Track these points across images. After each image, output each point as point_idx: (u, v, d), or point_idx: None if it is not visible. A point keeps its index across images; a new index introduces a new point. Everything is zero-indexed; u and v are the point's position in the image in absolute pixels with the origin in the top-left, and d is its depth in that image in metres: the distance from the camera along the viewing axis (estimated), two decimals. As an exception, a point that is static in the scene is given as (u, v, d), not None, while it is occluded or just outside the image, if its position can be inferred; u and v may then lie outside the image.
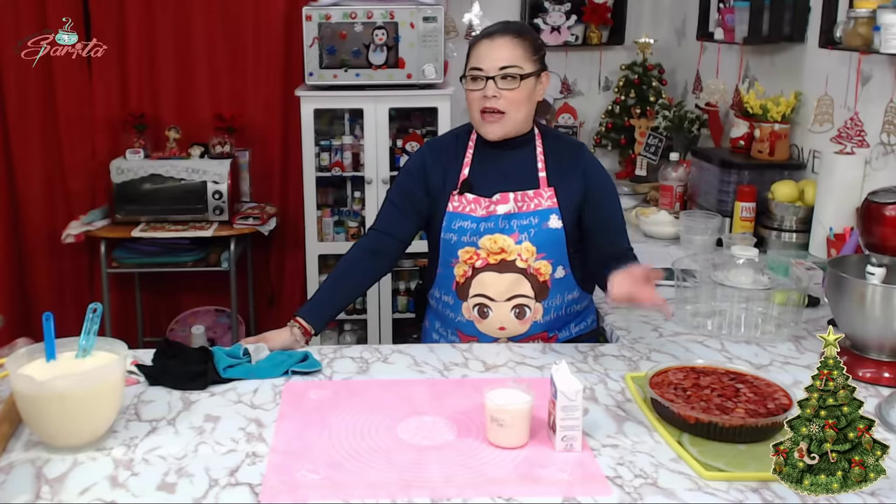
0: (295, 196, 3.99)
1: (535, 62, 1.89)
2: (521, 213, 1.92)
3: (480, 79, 1.87)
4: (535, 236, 1.91)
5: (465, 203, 1.94)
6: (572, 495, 1.33)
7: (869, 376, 1.75)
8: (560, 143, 2.00)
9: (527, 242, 1.91)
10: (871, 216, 1.85)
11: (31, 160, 3.89)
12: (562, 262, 1.94)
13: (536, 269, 1.92)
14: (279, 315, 4.23)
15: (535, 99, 1.92)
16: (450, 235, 1.95)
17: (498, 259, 1.92)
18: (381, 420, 1.57)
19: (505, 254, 1.91)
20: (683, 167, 3.25)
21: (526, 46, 1.88)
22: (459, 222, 1.94)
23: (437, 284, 2.04)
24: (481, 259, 1.93)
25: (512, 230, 1.91)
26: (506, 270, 1.92)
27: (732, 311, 2.04)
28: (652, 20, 4.15)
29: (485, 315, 1.96)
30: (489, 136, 1.91)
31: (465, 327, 2.00)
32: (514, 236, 1.91)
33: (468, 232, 1.93)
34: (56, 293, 4.00)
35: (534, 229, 1.91)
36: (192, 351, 1.83)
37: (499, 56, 1.86)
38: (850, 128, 2.62)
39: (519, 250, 1.91)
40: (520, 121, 1.91)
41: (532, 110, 1.93)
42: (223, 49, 3.92)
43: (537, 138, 1.98)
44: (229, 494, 1.33)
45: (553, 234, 1.92)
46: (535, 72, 1.89)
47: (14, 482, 1.36)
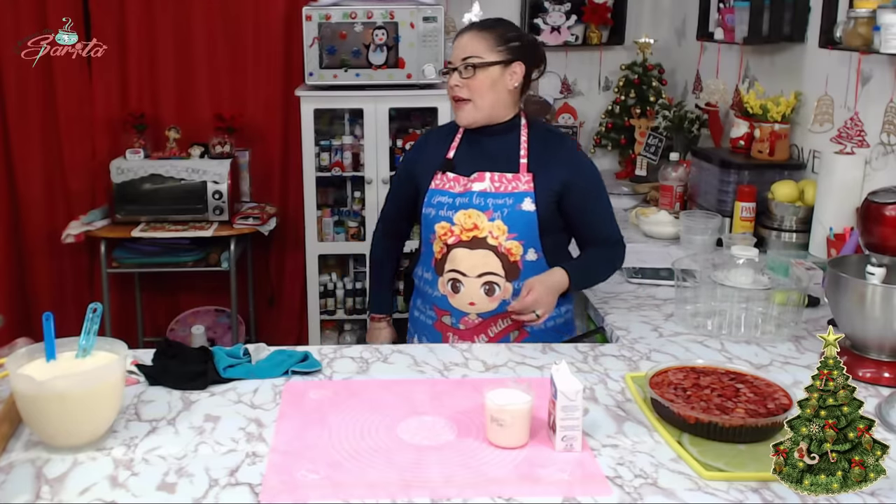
0: (295, 196, 4.00)
1: (499, 53, 2.01)
2: (497, 192, 2.02)
3: (450, 71, 2.05)
4: (508, 216, 2.01)
5: (446, 181, 2.08)
6: (572, 495, 1.33)
7: (869, 376, 1.75)
8: (546, 135, 2.10)
9: (499, 221, 2.00)
10: (871, 216, 1.85)
11: (31, 160, 3.89)
12: (533, 244, 2.03)
13: (508, 248, 2.01)
14: (279, 315, 4.24)
15: (502, 87, 2.03)
16: (429, 210, 2.08)
17: (470, 236, 2.02)
18: (381, 420, 1.57)
19: (477, 230, 2.02)
20: (683, 167, 3.25)
21: (489, 38, 2.01)
22: (438, 197, 2.07)
23: (420, 262, 2.18)
24: (455, 236, 2.04)
25: (486, 207, 2.01)
26: (477, 247, 2.02)
27: (732, 311, 2.04)
28: (652, 20, 4.15)
29: (457, 290, 2.05)
30: (459, 122, 2.07)
31: (440, 302, 2.09)
32: (488, 213, 2.01)
33: (445, 206, 2.05)
34: (56, 293, 4.00)
35: (507, 209, 2.01)
36: (192, 351, 1.83)
37: (462, 49, 2.03)
38: (850, 128, 2.62)
39: (491, 227, 2.01)
40: (487, 107, 2.03)
41: (502, 98, 2.04)
42: (223, 49, 3.92)
43: (523, 128, 2.09)
44: (229, 494, 1.33)
45: (525, 216, 2.00)
46: (498, 61, 2.00)
47: (14, 482, 1.36)
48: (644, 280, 2.46)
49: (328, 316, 3.96)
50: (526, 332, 2.09)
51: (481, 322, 2.06)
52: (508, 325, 2.06)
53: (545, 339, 2.08)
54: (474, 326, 2.07)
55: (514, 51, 2.03)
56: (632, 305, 2.26)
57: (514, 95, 2.06)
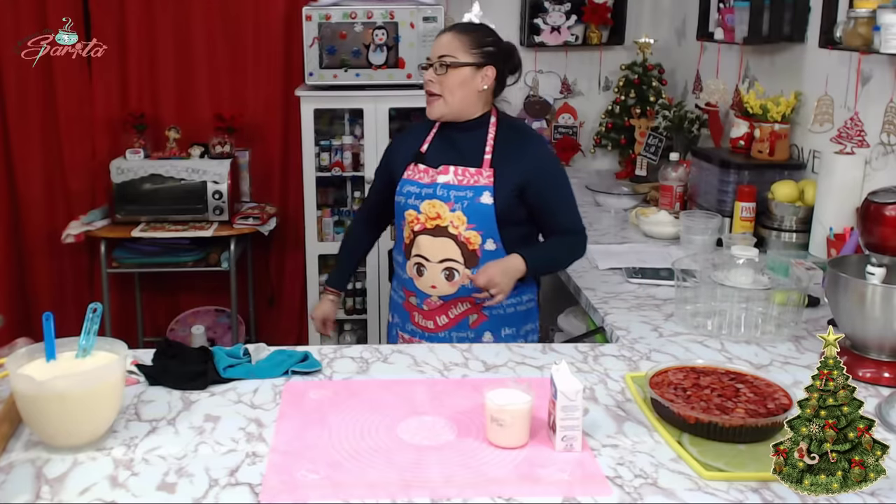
0: (295, 196, 4.00)
1: (473, 55, 2.12)
2: (458, 185, 2.15)
3: (427, 66, 2.16)
4: (467, 208, 2.13)
5: (417, 171, 2.21)
6: (572, 495, 1.33)
7: (869, 376, 1.75)
8: (513, 132, 2.20)
9: (459, 212, 2.13)
10: (871, 216, 1.85)
11: (31, 160, 3.90)
12: (492, 235, 2.14)
13: (467, 237, 2.14)
14: (279, 315, 4.24)
15: (473, 87, 2.14)
16: (400, 198, 2.22)
17: (433, 224, 2.15)
18: (381, 420, 1.57)
19: (439, 220, 2.15)
20: (683, 167, 3.25)
21: (465, 41, 2.13)
22: (408, 187, 2.20)
23: (396, 246, 2.32)
24: (420, 223, 2.17)
25: (448, 199, 2.14)
26: (439, 235, 2.15)
27: (732, 311, 2.04)
28: (652, 20, 4.15)
29: (421, 273, 2.19)
30: (429, 115, 2.20)
31: (408, 284, 2.24)
32: (450, 205, 2.14)
33: (413, 195, 2.18)
34: (56, 293, 4.01)
35: (467, 201, 2.13)
36: (192, 351, 1.83)
37: (440, 47, 2.14)
38: (850, 128, 2.62)
39: (451, 218, 2.14)
40: (455, 104, 2.15)
41: (472, 97, 2.15)
42: (223, 49, 3.92)
43: (492, 125, 2.19)
44: (229, 494, 1.33)
45: (483, 209, 2.12)
46: (471, 63, 2.12)
47: (14, 482, 1.36)
48: (644, 280, 2.46)
49: (328, 316, 3.96)
50: (485, 316, 2.19)
51: (442, 304, 2.19)
52: (468, 309, 2.19)
53: (505, 323, 2.21)
54: (436, 308, 2.20)
55: (488, 55, 2.14)
56: (632, 305, 2.26)
57: (484, 96, 2.17)
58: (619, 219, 3.29)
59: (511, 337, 2.23)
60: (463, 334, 2.20)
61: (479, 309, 2.18)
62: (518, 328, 2.24)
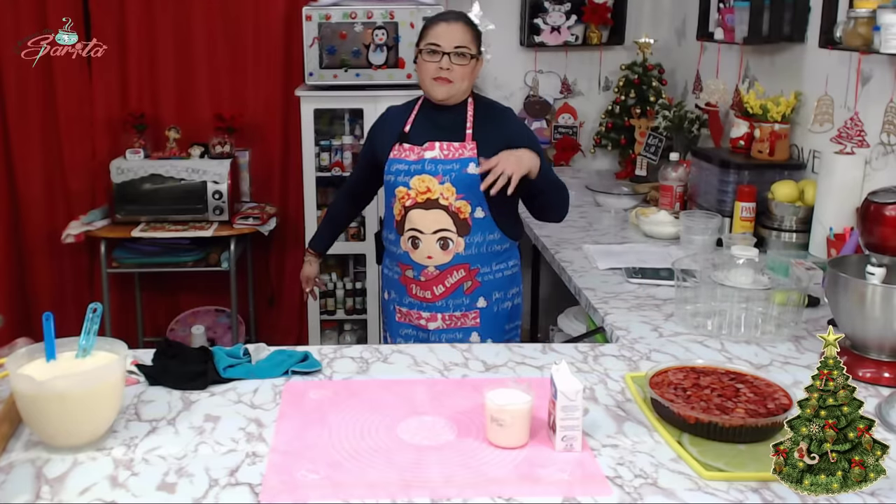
0: (295, 196, 4.00)
1: (476, 47, 2.30)
2: (445, 159, 2.27)
3: (438, 53, 2.25)
4: (455, 179, 2.26)
5: (402, 151, 2.32)
6: (572, 495, 1.33)
7: (869, 376, 1.75)
8: (489, 108, 2.37)
9: (448, 184, 2.26)
10: (871, 216, 1.85)
11: (31, 160, 3.90)
12: (480, 203, 2.28)
13: (458, 207, 2.27)
14: (279, 315, 4.24)
15: (474, 75, 2.32)
16: (389, 177, 2.33)
17: (424, 198, 2.27)
18: (381, 420, 1.57)
19: (430, 193, 2.27)
20: (683, 167, 3.25)
21: (473, 33, 2.29)
22: (396, 165, 2.32)
23: (385, 225, 2.43)
24: (411, 198, 2.29)
25: (437, 172, 2.26)
26: (431, 207, 2.27)
27: (732, 311, 2.04)
28: (652, 20, 4.15)
29: (416, 246, 2.31)
30: (438, 96, 2.29)
31: (403, 258, 2.35)
32: (439, 178, 2.26)
33: (402, 173, 2.30)
34: (56, 293, 4.01)
35: (454, 173, 2.26)
36: (192, 351, 1.83)
37: (454, 37, 2.26)
38: (850, 128, 2.62)
39: (441, 190, 2.26)
40: (463, 89, 2.30)
41: (472, 83, 2.33)
42: (223, 49, 3.92)
43: (469, 104, 2.34)
44: (229, 494, 1.33)
45: (470, 178, 2.25)
46: (477, 54, 2.30)
47: (14, 482, 1.36)
48: (644, 280, 2.46)
49: (328, 316, 3.96)
50: (478, 283, 2.32)
51: (439, 273, 2.31)
52: (462, 276, 2.31)
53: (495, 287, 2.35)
54: (433, 278, 2.31)
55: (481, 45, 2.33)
56: (632, 305, 2.26)
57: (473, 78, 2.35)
58: (619, 219, 3.29)
59: (500, 300, 2.37)
60: (459, 301, 2.33)
61: (473, 276, 2.32)
62: (506, 291, 2.39)
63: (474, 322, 2.35)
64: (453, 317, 2.34)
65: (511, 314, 2.42)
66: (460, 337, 2.35)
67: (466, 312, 2.34)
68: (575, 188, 3.73)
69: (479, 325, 2.35)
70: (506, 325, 2.42)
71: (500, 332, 2.39)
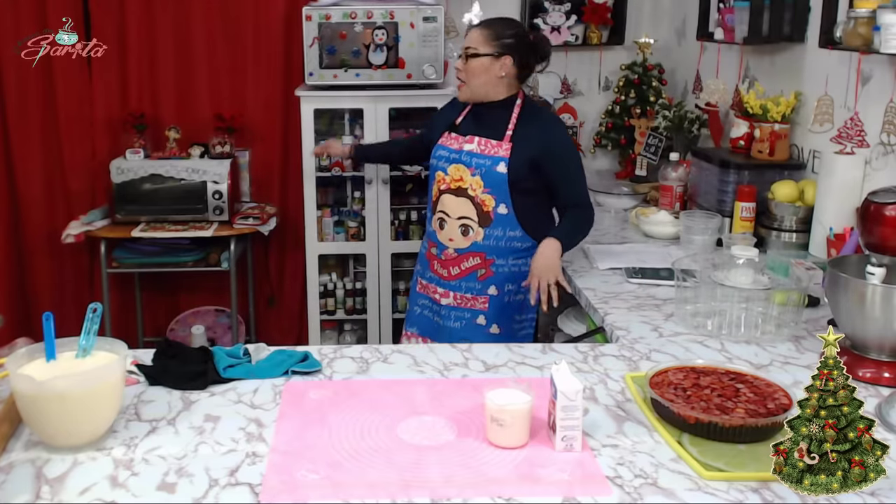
0: (295, 196, 3.99)
1: (492, 46, 2.44)
2: (480, 154, 2.46)
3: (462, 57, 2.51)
4: (485, 174, 2.44)
5: (449, 139, 2.56)
6: (572, 495, 1.33)
7: (869, 376, 1.75)
8: (534, 114, 2.51)
9: (478, 177, 2.45)
10: (871, 216, 1.85)
11: (31, 160, 3.89)
12: (504, 200, 2.44)
13: (482, 200, 2.45)
14: (279, 315, 4.24)
15: (493, 74, 2.45)
16: (433, 160, 2.58)
17: (456, 185, 2.49)
18: (381, 420, 1.57)
19: (462, 182, 2.48)
20: (683, 167, 3.25)
21: (485, 34, 2.46)
22: (440, 151, 2.56)
23: (427, 204, 2.66)
24: (446, 184, 2.51)
25: (471, 165, 2.47)
26: (460, 195, 2.48)
27: (732, 311, 2.04)
28: (652, 20, 4.15)
29: (442, 227, 2.53)
30: (459, 98, 2.57)
31: (432, 235, 2.59)
32: (471, 170, 2.46)
33: (443, 159, 2.53)
34: (56, 293, 4.00)
35: (485, 168, 2.44)
36: (192, 351, 1.83)
37: (466, 40, 2.50)
38: (850, 128, 2.62)
39: (472, 182, 2.46)
40: (476, 89, 2.48)
41: (492, 82, 2.46)
42: (223, 49, 3.92)
43: (517, 106, 2.49)
44: (229, 494, 1.33)
45: (498, 176, 2.43)
46: (490, 53, 2.43)
47: (14, 482, 1.36)
48: (644, 280, 2.46)
49: (328, 316, 3.96)
50: (492, 272, 2.49)
51: (457, 256, 2.51)
52: (478, 263, 2.49)
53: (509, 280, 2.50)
54: (452, 259, 2.52)
55: (506, 46, 2.44)
56: (632, 305, 2.26)
57: (506, 81, 2.47)
58: (619, 219, 3.29)
59: (512, 292, 2.51)
60: (471, 284, 2.52)
61: (488, 265, 2.49)
62: (519, 285, 2.49)
63: (483, 306, 2.51)
64: (464, 297, 2.53)
65: (523, 307, 2.54)
66: (468, 317, 2.53)
67: (477, 296, 2.51)
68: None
69: (488, 309, 2.51)
70: (516, 315, 2.54)
71: (508, 321, 2.53)
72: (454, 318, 2.54)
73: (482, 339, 2.47)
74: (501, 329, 2.52)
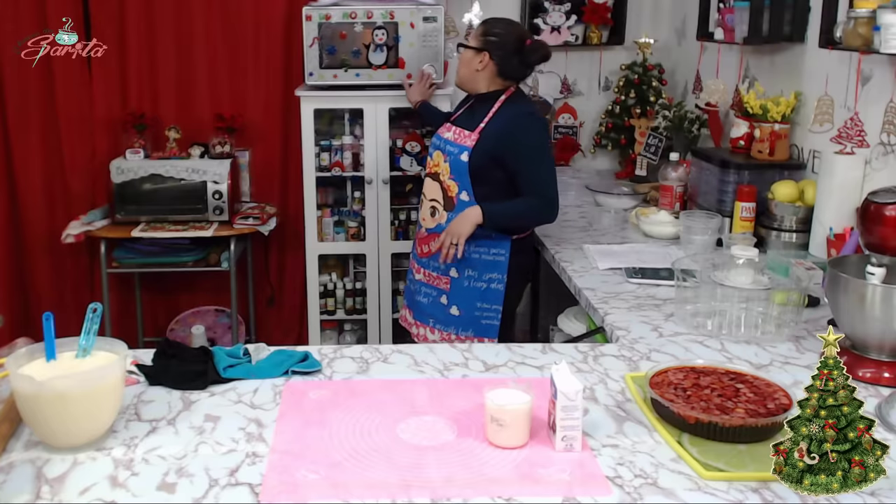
0: (295, 196, 4.00)
1: (477, 41, 2.63)
2: (453, 142, 2.65)
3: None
4: (452, 162, 2.62)
5: (443, 127, 2.76)
6: (572, 495, 1.33)
7: (869, 376, 1.75)
8: (511, 109, 2.60)
9: (447, 164, 2.64)
10: (871, 216, 1.85)
11: (31, 160, 3.89)
12: (466, 188, 2.60)
13: (448, 185, 2.64)
14: (279, 315, 4.24)
15: (472, 66, 2.63)
16: (430, 146, 2.80)
17: (434, 170, 2.71)
18: (381, 420, 1.57)
19: (437, 167, 2.69)
20: (683, 167, 3.25)
21: (478, 29, 2.67)
22: (434, 138, 2.77)
23: None
24: (429, 167, 2.74)
25: (445, 151, 2.66)
26: (434, 179, 2.70)
27: (732, 311, 2.04)
28: (652, 20, 4.15)
29: (421, 206, 2.79)
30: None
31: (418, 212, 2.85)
32: (444, 157, 2.66)
33: (433, 145, 2.75)
34: (56, 293, 4.00)
35: (452, 157, 2.62)
36: (192, 351, 1.83)
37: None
38: (850, 128, 2.62)
39: (444, 167, 2.66)
40: (460, 77, 2.70)
41: (472, 74, 2.64)
42: (223, 49, 3.92)
43: (499, 102, 2.62)
44: (229, 494, 1.33)
45: (461, 165, 2.60)
46: (472, 47, 2.63)
47: (14, 482, 1.36)
48: (644, 280, 2.46)
49: (328, 316, 3.96)
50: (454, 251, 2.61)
51: (427, 236, 2.74)
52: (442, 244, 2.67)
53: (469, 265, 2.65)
54: (424, 238, 2.76)
55: (487, 43, 2.60)
56: (632, 305, 2.26)
57: (486, 75, 2.62)
58: (619, 219, 3.29)
59: (473, 278, 2.65)
60: (436, 264, 2.69)
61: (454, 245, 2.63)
62: (481, 273, 2.65)
63: (445, 286, 2.71)
64: (431, 275, 2.74)
65: (486, 296, 2.65)
66: (434, 295, 2.74)
67: (440, 276, 2.71)
68: (575, 188, 3.74)
69: (449, 290, 2.69)
70: (478, 302, 2.66)
71: (469, 306, 2.67)
72: (423, 293, 2.78)
73: (444, 318, 2.71)
74: (462, 312, 2.68)
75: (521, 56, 2.59)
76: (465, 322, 2.67)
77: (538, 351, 1.93)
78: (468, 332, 2.68)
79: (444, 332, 2.73)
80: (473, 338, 2.67)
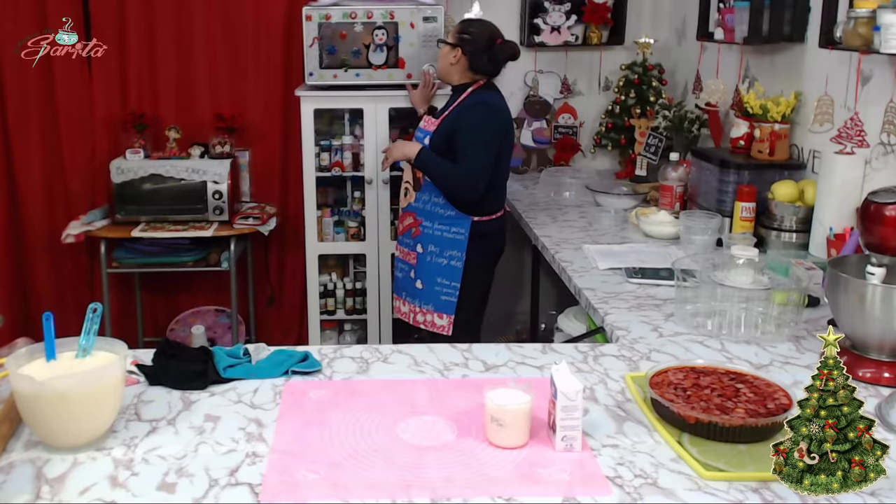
0: (295, 196, 4.00)
1: (453, 37, 2.91)
2: (422, 129, 3.00)
3: None
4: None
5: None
6: (572, 495, 1.33)
7: (869, 376, 1.75)
8: (471, 98, 2.88)
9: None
10: (871, 216, 1.85)
11: (31, 160, 3.89)
12: None
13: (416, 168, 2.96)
14: (279, 315, 4.24)
15: (448, 60, 2.91)
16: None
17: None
18: (381, 420, 1.57)
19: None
20: (683, 167, 3.25)
21: (456, 27, 2.94)
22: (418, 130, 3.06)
23: None
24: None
25: (417, 138, 2.99)
26: (409, 163, 2.99)
27: (732, 311, 2.04)
28: (652, 20, 4.15)
29: (400, 186, 3.10)
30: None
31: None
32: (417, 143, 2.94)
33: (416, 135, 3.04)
34: (56, 293, 4.00)
35: (420, 141, 2.93)
36: (192, 351, 1.83)
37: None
38: (850, 128, 2.62)
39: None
40: (439, 69, 2.99)
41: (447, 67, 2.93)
42: (223, 49, 3.92)
43: (466, 93, 2.90)
44: (229, 494, 1.33)
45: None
46: (448, 42, 2.92)
47: (14, 482, 1.36)
48: (644, 280, 2.46)
49: (328, 316, 3.96)
50: (419, 231, 2.95)
51: (402, 214, 3.07)
52: (410, 223, 3.00)
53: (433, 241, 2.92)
54: (400, 217, 3.10)
55: (461, 40, 2.88)
56: (632, 305, 2.26)
57: (458, 69, 2.90)
58: (619, 219, 3.29)
59: (435, 254, 2.92)
60: (407, 241, 3.01)
61: (417, 225, 2.96)
62: (442, 249, 2.91)
63: (412, 261, 2.99)
64: (403, 251, 3.04)
65: (445, 272, 2.91)
66: (406, 269, 3.03)
67: (409, 251, 3.01)
68: (575, 188, 3.74)
69: (416, 265, 2.98)
70: (438, 277, 2.92)
71: (430, 281, 2.94)
72: (399, 268, 3.09)
73: (412, 291, 3.00)
74: (424, 286, 2.97)
75: (491, 53, 2.86)
76: (427, 296, 2.96)
77: (538, 351, 1.93)
78: (429, 307, 2.98)
79: (412, 304, 3.04)
80: (433, 311, 2.96)
